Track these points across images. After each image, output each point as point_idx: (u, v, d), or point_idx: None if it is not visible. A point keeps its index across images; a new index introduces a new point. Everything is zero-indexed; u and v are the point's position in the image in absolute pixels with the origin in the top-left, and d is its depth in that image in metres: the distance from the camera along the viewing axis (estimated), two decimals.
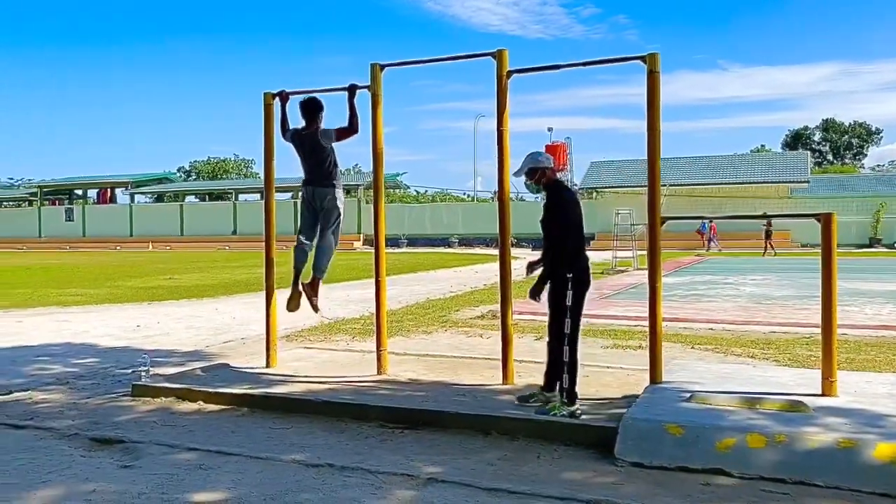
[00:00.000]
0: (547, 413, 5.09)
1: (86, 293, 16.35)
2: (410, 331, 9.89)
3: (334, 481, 4.19)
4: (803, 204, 40.10)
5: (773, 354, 7.84)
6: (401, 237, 45.76)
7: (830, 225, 5.15)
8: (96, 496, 4.01)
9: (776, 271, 21.11)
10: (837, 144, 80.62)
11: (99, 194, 64.13)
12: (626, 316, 10.99)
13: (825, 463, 4.04)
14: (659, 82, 5.53)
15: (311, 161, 6.63)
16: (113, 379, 7.09)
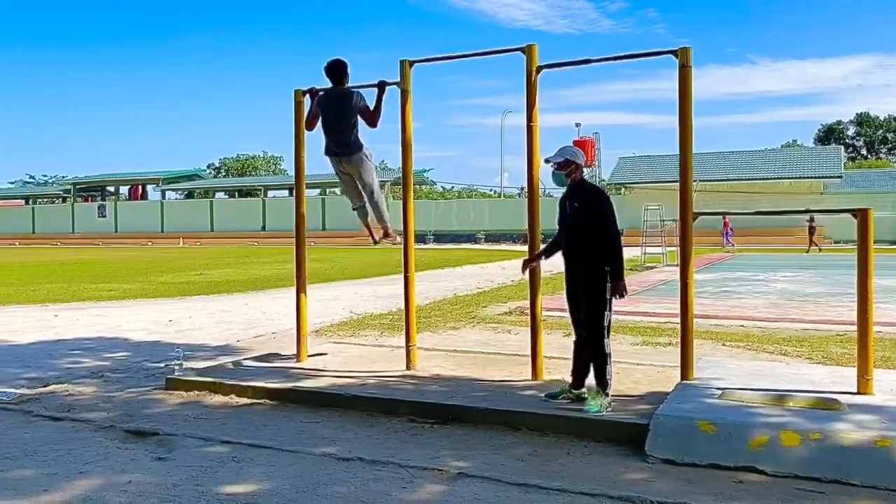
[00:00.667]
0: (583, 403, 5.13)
1: (119, 288, 16.62)
2: (438, 326, 9.91)
3: (365, 475, 4.23)
4: (836, 200, 39.45)
5: (806, 352, 7.74)
6: (427, 233, 45.82)
7: (867, 220, 5.06)
8: (133, 487, 4.08)
9: (808, 268, 20.80)
10: (872, 139, 79.15)
11: (130, 191, 65.11)
12: (655, 313, 10.91)
13: (861, 462, 3.99)
14: (691, 76, 5.48)
15: (336, 124, 6.54)
16: (146, 372, 7.20)
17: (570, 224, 5.39)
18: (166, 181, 62.73)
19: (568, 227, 5.43)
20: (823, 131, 79.86)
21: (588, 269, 5.28)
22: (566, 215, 5.43)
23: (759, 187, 41.44)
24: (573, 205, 5.38)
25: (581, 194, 5.42)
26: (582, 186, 5.50)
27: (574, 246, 5.39)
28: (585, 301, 5.30)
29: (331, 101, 6.58)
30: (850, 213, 5.19)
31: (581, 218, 5.33)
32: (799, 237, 38.13)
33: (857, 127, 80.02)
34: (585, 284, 5.29)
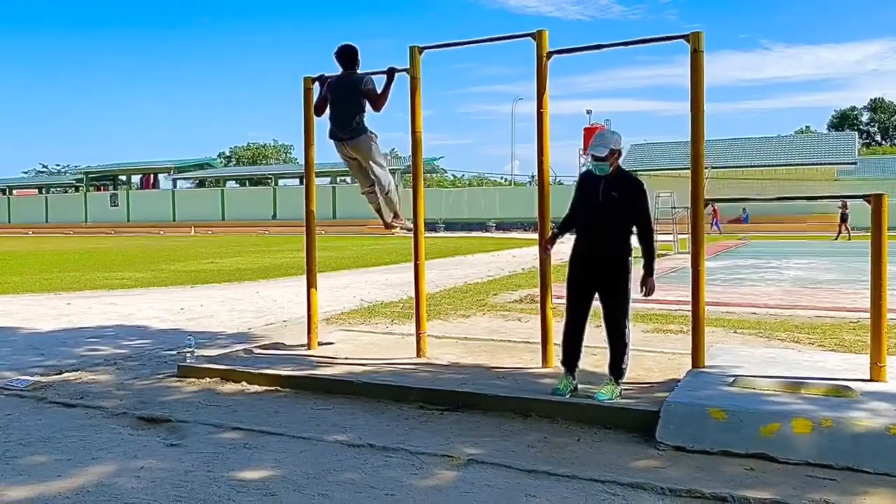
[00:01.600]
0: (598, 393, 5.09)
1: (131, 276, 16.72)
2: (449, 314, 9.92)
3: (376, 461, 4.24)
4: (850, 186, 39.11)
5: (819, 339, 7.69)
6: (438, 221, 45.79)
7: (881, 206, 5.01)
8: (145, 473, 4.11)
9: (821, 255, 20.66)
10: (886, 125, 78.38)
11: (142, 180, 65.41)
12: (666, 300, 10.86)
13: (874, 449, 3.96)
14: (703, 62, 5.43)
15: (343, 107, 6.50)
16: (158, 360, 7.24)
17: (605, 213, 5.19)
18: (177, 170, 62.97)
19: (600, 216, 5.21)
20: (837, 117, 79.13)
21: (618, 260, 5.19)
22: (599, 203, 5.19)
23: (771, 174, 41.16)
24: (610, 193, 5.17)
25: (620, 184, 5.21)
26: (621, 175, 5.28)
27: (604, 235, 5.21)
28: (610, 292, 5.20)
29: (339, 86, 6.55)
30: (864, 198, 5.14)
31: (618, 208, 5.17)
32: (812, 224, 37.92)
33: (872, 113, 79.22)
34: (613, 276, 5.18)
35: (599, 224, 5.23)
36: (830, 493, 3.64)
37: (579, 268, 5.33)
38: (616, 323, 5.22)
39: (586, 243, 5.30)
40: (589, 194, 5.28)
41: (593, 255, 5.25)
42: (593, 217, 5.27)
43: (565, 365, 5.38)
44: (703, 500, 3.59)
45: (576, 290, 5.37)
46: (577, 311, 5.35)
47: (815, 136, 57.18)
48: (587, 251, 5.28)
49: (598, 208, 5.21)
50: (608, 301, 5.24)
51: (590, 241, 5.28)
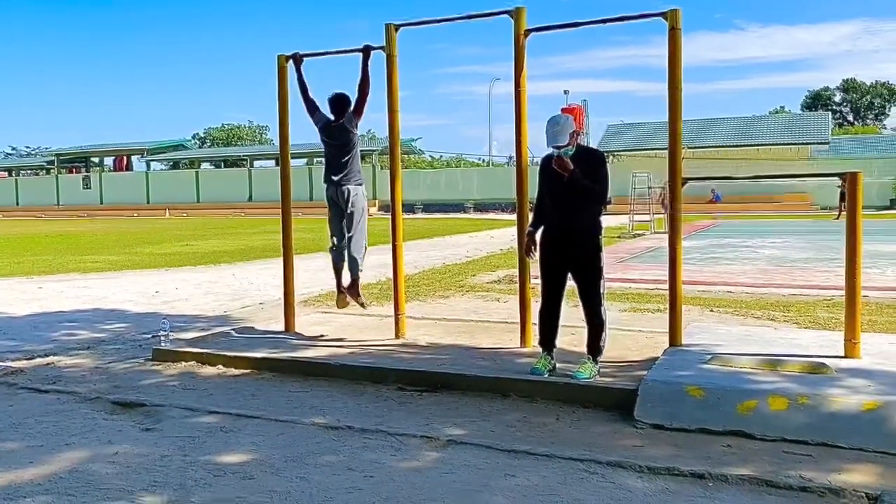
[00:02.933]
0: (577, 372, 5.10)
1: (105, 260, 16.49)
2: (427, 295, 9.89)
3: (355, 443, 4.22)
4: (823, 165, 39.55)
5: (794, 317, 7.77)
6: (416, 203, 45.66)
7: (856, 184, 5.04)
8: (120, 458, 4.05)
9: (795, 234, 20.90)
10: (858, 105, 79.23)
11: (115, 162, 64.40)
12: (643, 279, 10.94)
13: (849, 425, 4.01)
14: (680, 39, 5.40)
15: (338, 154, 6.69)
16: (133, 344, 7.15)
17: (572, 192, 5.12)
18: (151, 152, 62.02)
19: (567, 196, 5.16)
20: (811, 98, 79.81)
21: (589, 239, 5.20)
22: (565, 184, 5.12)
23: (746, 154, 41.45)
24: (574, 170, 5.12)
25: (582, 160, 5.15)
26: (581, 151, 5.27)
27: (572, 215, 5.19)
28: (584, 270, 5.22)
29: (334, 131, 6.70)
30: (839, 176, 5.17)
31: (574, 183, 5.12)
32: (786, 203, 38.34)
33: (844, 93, 79.99)
34: (585, 255, 5.20)
35: (567, 204, 5.21)
36: (807, 468, 3.67)
37: (551, 248, 5.32)
38: (591, 301, 5.23)
39: (556, 224, 5.29)
40: (554, 177, 5.21)
41: (563, 235, 5.25)
42: (561, 198, 5.24)
43: (542, 345, 5.41)
44: (682, 478, 3.61)
45: (549, 270, 5.36)
46: (552, 291, 5.36)
47: (789, 116, 57.62)
48: (557, 232, 5.29)
49: (565, 189, 5.17)
50: (582, 280, 5.25)
51: (559, 221, 5.27)
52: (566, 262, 5.27)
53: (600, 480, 3.61)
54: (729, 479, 3.56)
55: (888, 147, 45.74)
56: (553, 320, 5.39)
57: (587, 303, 5.25)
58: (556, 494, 3.46)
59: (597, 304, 5.24)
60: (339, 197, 6.77)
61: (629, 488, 3.52)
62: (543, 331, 5.41)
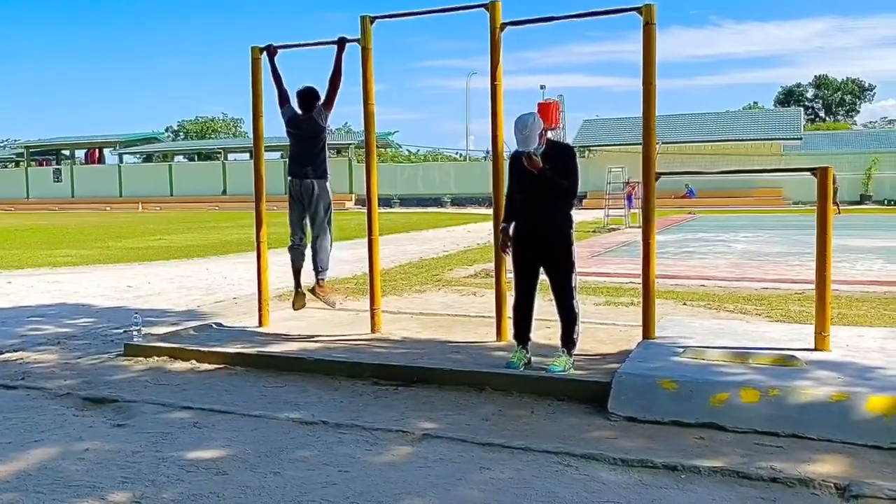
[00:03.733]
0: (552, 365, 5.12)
1: (76, 254, 16.25)
2: (404, 290, 9.88)
3: (329, 438, 4.20)
4: (796, 161, 40.00)
5: (766, 310, 7.87)
6: (393, 197, 45.52)
7: (826, 179, 5.11)
8: (90, 455, 4.00)
9: (768, 228, 21.16)
10: (830, 101, 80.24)
11: (87, 154, 63.40)
12: (618, 273, 11.01)
13: (818, 416, 4.06)
14: (655, 34, 5.43)
15: (305, 146, 6.56)
16: (105, 339, 7.06)
17: (542, 188, 5.16)
18: (123, 144, 61.15)
19: (538, 192, 5.19)
20: (783, 94, 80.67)
21: (560, 233, 5.23)
22: (535, 178, 5.13)
23: (720, 149, 41.83)
24: (543, 166, 5.15)
25: (552, 155, 5.19)
26: (550, 147, 5.28)
27: (543, 209, 5.21)
28: (556, 265, 5.24)
29: (302, 124, 6.59)
30: (810, 171, 5.23)
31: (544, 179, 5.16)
32: (759, 198, 38.76)
33: (816, 89, 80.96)
34: (557, 249, 5.23)
35: (538, 200, 5.23)
36: (777, 460, 3.72)
37: (523, 243, 5.33)
38: (564, 295, 5.26)
39: (527, 220, 5.31)
40: (523, 172, 5.19)
41: (535, 230, 5.26)
42: (531, 194, 5.24)
43: (517, 339, 5.43)
44: (655, 470, 3.64)
45: (522, 265, 5.37)
46: (525, 286, 5.37)
47: (762, 111, 58.22)
48: (529, 227, 5.30)
49: (535, 184, 5.18)
50: (554, 274, 5.28)
51: (530, 217, 5.28)
52: (539, 257, 5.29)
53: (574, 473, 3.63)
54: (701, 470, 3.60)
55: (859, 143, 46.40)
56: (527, 314, 5.40)
57: (560, 297, 5.28)
58: (530, 487, 3.47)
59: (570, 298, 5.27)
60: (302, 191, 6.62)
61: (603, 480, 3.54)
62: (518, 325, 5.43)
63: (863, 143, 45.91)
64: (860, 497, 3.28)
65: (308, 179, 6.59)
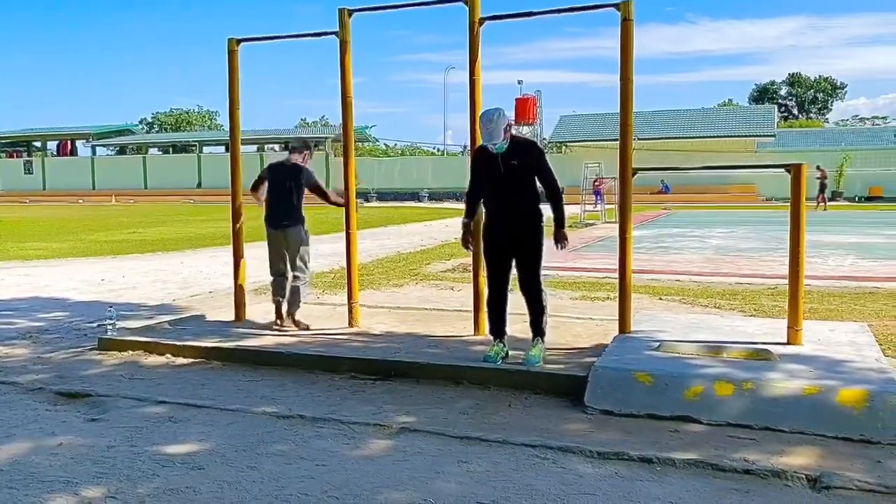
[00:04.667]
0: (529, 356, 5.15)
1: (48, 247, 16.01)
2: (381, 284, 9.86)
3: (306, 432, 4.19)
4: (770, 157, 40.50)
5: (740, 305, 7.97)
6: (370, 191, 45.40)
7: (800, 176, 5.18)
8: (64, 450, 3.95)
9: (742, 224, 21.40)
10: (803, 99, 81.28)
11: (59, 146, 62.43)
12: (594, 268, 11.08)
13: (791, 409, 4.13)
14: (632, 30, 5.46)
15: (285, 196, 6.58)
16: (78, 333, 6.97)
17: (509, 182, 5.23)
18: (97, 136, 60.28)
19: (505, 187, 5.26)
20: (757, 91, 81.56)
21: (530, 226, 5.26)
22: (502, 175, 5.22)
23: (695, 145, 42.21)
24: (510, 163, 5.21)
25: (517, 151, 5.24)
26: (515, 143, 5.28)
27: (512, 204, 5.27)
28: (527, 256, 5.27)
29: (281, 173, 6.63)
30: (785, 168, 5.30)
31: (523, 173, 5.23)
32: (734, 194, 39.19)
33: (790, 87, 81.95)
34: (526, 242, 5.26)
35: (505, 195, 5.27)
36: (750, 452, 3.78)
37: (494, 239, 5.37)
38: (533, 286, 5.29)
39: (496, 215, 5.36)
40: (489, 168, 5.27)
41: (505, 225, 5.30)
42: (498, 189, 5.29)
43: (494, 333, 5.46)
44: (630, 463, 3.67)
45: (493, 259, 5.40)
46: (498, 279, 5.40)
47: (736, 108, 58.84)
48: (498, 222, 5.34)
49: (502, 180, 5.24)
50: (526, 267, 5.29)
51: (498, 212, 5.33)
52: (510, 251, 5.31)
53: (551, 466, 3.66)
54: (676, 463, 3.64)
55: (830, 141, 47.06)
56: (502, 307, 5.43)
57: (529, 288, 5.30)
58: (507, 480, 3.49)
59: (539, 289, 5.31)
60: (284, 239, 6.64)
61: (579, 473, 3.57)
62: (493, 319, 5.47)
63: (834, 141, 46.60)
64: (831, 488, 3.34)
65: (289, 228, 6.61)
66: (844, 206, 35.02)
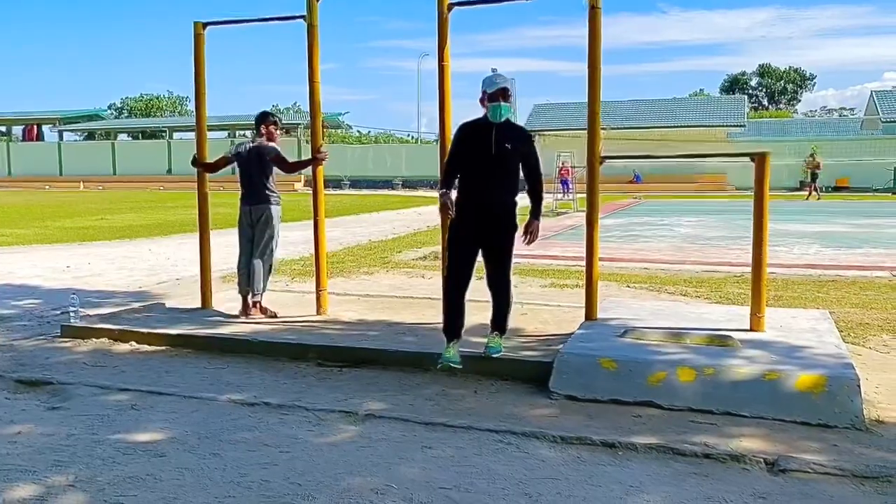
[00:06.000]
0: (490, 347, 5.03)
1: (12, 233, 15.72)
2: (352, 272, 9.83)
3: (271, 419, 4.17)
4: (740, 147, 40.92)
5: (705, 292, 8.07)
6: (343, 178, 45.16)
7: (764, 165, 5.24)
8: (22, 438, 3.90)
9: (711, 213, 21.64)
10: (773, 90, 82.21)
11: (24, 131, 61.17)
12: (564, 256, 11.14)
13: (751, 394, 4.20)
14: (600, 18, 5.46)
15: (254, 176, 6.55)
16: (41, 320, 6.86)
17: (499, 167, 4.87)
18: (64, 121, 59.18)
19: (494, 170, 4.87)
20: (728, 81, 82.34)
21: (509, 215, 4.95)
22: (493, 156, 4.82)
23: (667, 135, 42.55)
24: (503, 145, 4.83)
25: (512, 135, 4.92)
26: (511, 125, 4.98)
27: (496, 189, 4.90)
28: (498, 249, 4.96)
29: (248, 154, 6.58)
30: (749, 157, 5.36)
31: (512, 161, 4.90)
32: (703, 183, 39.60)
33: (760, 78, 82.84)
34: (503, 232, 4.94)
35: (493, 178, 4.90)
36: (710, 436, 3.83)
37: (467, 225, 4.92)
38: (504, 279, 5.02)
39: (476, 199, 4.91)
40: (479, 146, 4.86)
41: (484, 210, 4.90)
42: (486, 171, 4.89)
43: (449, 332, 4.96)
44: (593, 447, 3.71)
45: (464, 247, 4.97)
46: (465, 271, 4.98)
47: (707, 98, 59.42)
48: (478, 207, 4.91)
49: (492, 161, 4.86)
50: (496, 258, 4.98)
51: (480, 196, 4.91)
52: (481, 240, 4.95)
53: (514, 451, 3.68)
54: (637, 447, 3.68)
55: (800, 131, 47.70)
56: (462, 303, 5.01)
57: (499, 281, 5.01)
58: (470, 465, 3.51)
59: (509, 283, 5.07)
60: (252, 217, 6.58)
61: (542, 457, 3.60)
62: (452, 315, 4.98)
63: (803, 131, 47.24)
64: (787, 471, 3.41)
65: (258, 205, 6.57)
66: None
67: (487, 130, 4.88)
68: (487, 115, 4.92)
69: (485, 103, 4.92)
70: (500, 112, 4.86)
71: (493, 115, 4.88)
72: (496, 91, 4.85)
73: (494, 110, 4.87)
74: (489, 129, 4.88)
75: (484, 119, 4.95)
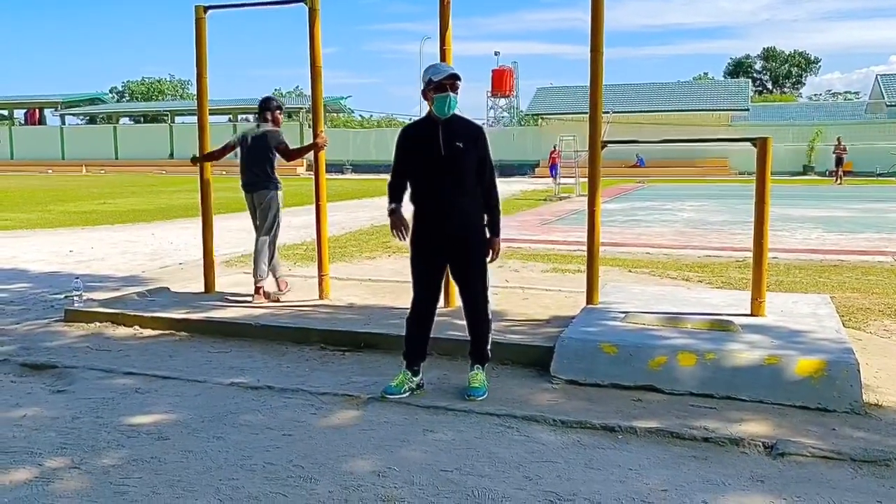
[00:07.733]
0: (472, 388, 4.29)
1: (15, 218, 15.76)
2: (354, 256, 9.84)
3: (274, 403, 4.20)
4: (743, 131, 40.78)
5: (707, 277, 8.07)
6: (345, 163, 45.07)
7: (766, 149, 5.23)
8: (28, 421, 3.93)
9: (713, 197, 21.60)
10: (777, 73, 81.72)
11: (27, 115, 61.13)
12: (566, 241, 11.15)
13: (751, 379, 4.21)
14: (602, 1, 5.44)
15: (255, 163, 6.56)
16: (45, 304, 6.89)
17: (451, 170, 4.16)
18: (66, 105, 59.10)
19: (447, 175, 4.17)
20: (732, 65, 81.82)
21: (476, 225, 4.27)
22: (443, 158, 4.15)
23: (670, 119, 42.38)
24: (453, 144, 4.14)
25: (461, 131, 4.20)
26: (459, 119, 4.26)
27: (454, 197, 4.20)
28: (467, 265, 4.30)
29: (252, 137, 6.58)
30: (751, 141, 5.35)
31: (466, 161, 4.18)
32: (707, 167, 39.49)
33: (764, 61, 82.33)
34: (470, 245, 4.27)
35: (447, 184, 4.19)
36: (710, 420, 3.86)
37: (428, 243, 4.31)
38: (479, 302, 4.33)
39: (437, 213, 4.25)
40: (425, 150, 4.20)
41: (442, 225, 4.24)
42: (438, 177, 4.19)
43: (411, 360, 4.38)
44: (593, 431, 3.74)
45: (429, 267, 4.37)
46: (431, 294, 4.42)
47: (711, 82, 59.03)
48: (433, 221, 4.27)
49: (443, 165, 4.16)
50: (467, 279, 4.33)
51: (437, 206, 4.24)
52: (447, 259, 4.36)
53: (515, 434, 3.71)
54: (637, 431, 3.71)
55: (803, 115, 47.48)
56: (428, 329, 4.44)
57: (474, 305, 4.33)
58: (471, 448, 3.54)
59: (486, 303, 4.36)
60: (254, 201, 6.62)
61: (543, 441, 3.63)
62: (416, 342, 4.38)
63: (807, 115, 47.01)
64: (786, 455, 3.43)
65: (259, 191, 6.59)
66: (816, 180, 35.44)
67: (433, 130, 4.19)
68: (431, 111, 4.22)
69: (429, 95, 4.17)
70: (449, 105, 4.15)
71: (440, 110, 4.16)
72: (444, 80, 4.12)
73: (441, 102, 4.14)
74: (434, 127, 4.18)
75: (427, 118, 4.28)
